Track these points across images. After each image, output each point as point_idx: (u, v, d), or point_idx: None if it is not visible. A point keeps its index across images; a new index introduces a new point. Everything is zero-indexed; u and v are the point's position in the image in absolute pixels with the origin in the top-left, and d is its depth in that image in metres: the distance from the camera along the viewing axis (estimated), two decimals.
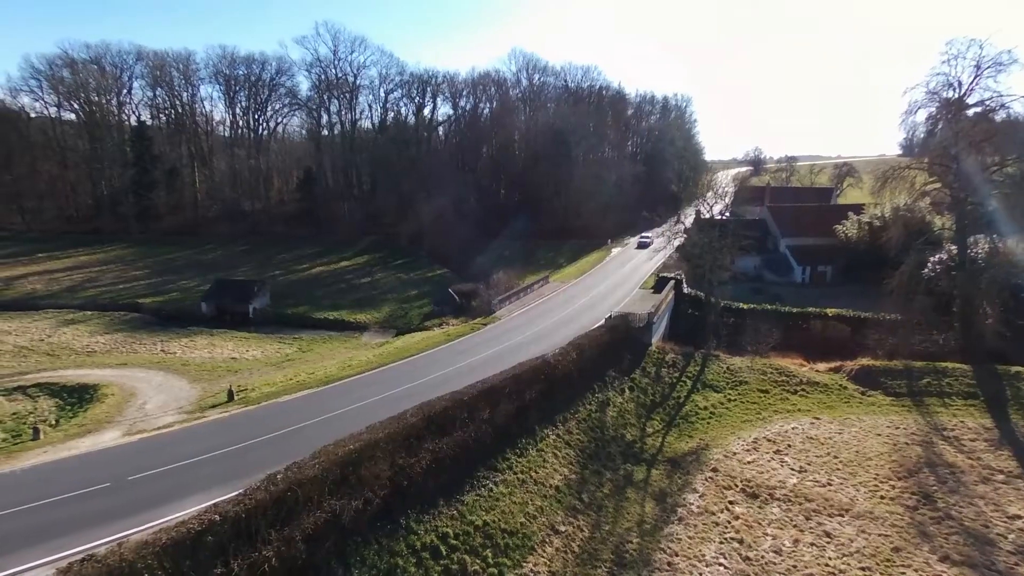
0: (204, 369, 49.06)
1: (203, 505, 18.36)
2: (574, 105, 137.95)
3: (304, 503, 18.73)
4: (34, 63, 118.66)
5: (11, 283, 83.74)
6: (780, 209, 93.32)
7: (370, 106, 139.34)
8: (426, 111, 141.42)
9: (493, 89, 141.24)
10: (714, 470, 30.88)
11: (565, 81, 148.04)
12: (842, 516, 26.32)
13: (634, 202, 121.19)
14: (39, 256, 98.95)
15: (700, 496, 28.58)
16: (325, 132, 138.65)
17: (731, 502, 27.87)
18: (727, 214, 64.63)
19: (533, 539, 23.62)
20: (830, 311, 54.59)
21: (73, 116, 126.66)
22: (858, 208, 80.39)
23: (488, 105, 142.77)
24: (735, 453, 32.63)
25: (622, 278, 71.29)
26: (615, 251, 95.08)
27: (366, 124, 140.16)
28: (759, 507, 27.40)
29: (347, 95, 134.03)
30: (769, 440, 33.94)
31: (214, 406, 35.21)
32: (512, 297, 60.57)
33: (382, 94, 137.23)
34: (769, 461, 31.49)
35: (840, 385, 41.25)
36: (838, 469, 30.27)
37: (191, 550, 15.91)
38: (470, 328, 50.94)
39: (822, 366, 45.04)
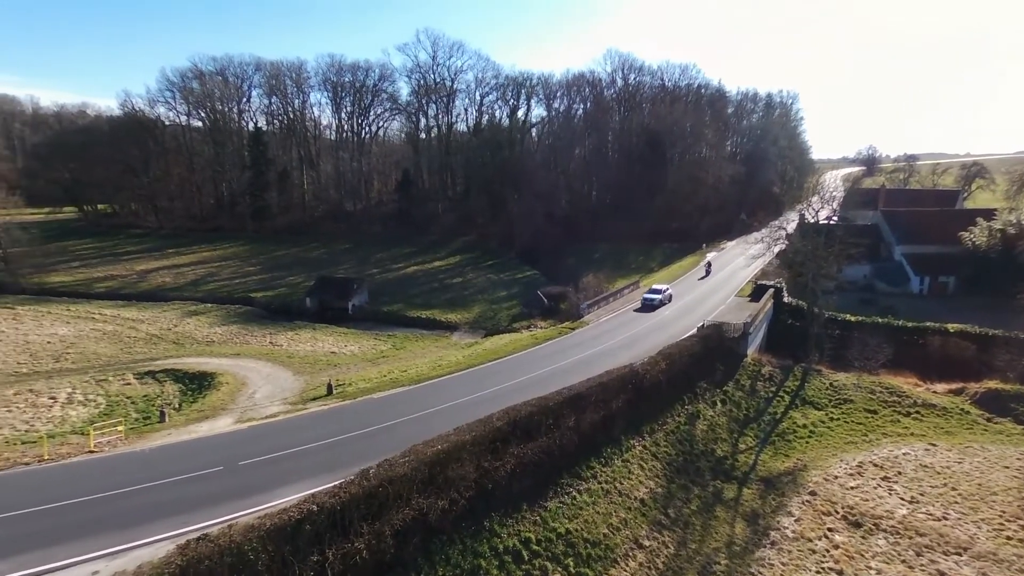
0: (307, 362, 52.22)
1: (303, 494, 19.56)
2: (671, 105, 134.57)
3: (394, 499, 19.49)
4: (169, 76, 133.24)
5: (145, 276, 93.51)
6: (896, 214, 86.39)
7: (466, 109, 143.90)
8: (520, 113, 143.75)
9: (587, 90, 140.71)
10: (812, 493, 29.16)
11: (662, 80, 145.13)
12: (959, 555, 24.06)
13: (732, 205, 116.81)
14: (169, 252, 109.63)
15: (796, 520, 27.08)
16: (422, 135, 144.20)
17: (830, 529, 26.22)
18: (834, 218, 60.68)
19: (616, 551, 23.32)
20: (952, 326, 49.93)
21: (200, 123, 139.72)
22: (989, 213, 73.07)
23: (582, 106, 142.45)
24: (837, 476, 30.65)
25: (716, 284, 68.72)
26: (710, 256, 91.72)
27: (461, 127, 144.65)
28: (862, 537, 25.57)
29: (444, 99, 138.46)
30: (876, 465, 31.60)
31: (315, 398, 37.40)
32: (601, 301, 59.94)
33: (478, 97, 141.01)
34: (875, 488, 29.32)
35: (961, 409, 37.69)
36: (956, 503, 27.68)
37: (291, 537, 17.00)
38: (557, 332, 50.96)
39: (940, 387, 41.36)
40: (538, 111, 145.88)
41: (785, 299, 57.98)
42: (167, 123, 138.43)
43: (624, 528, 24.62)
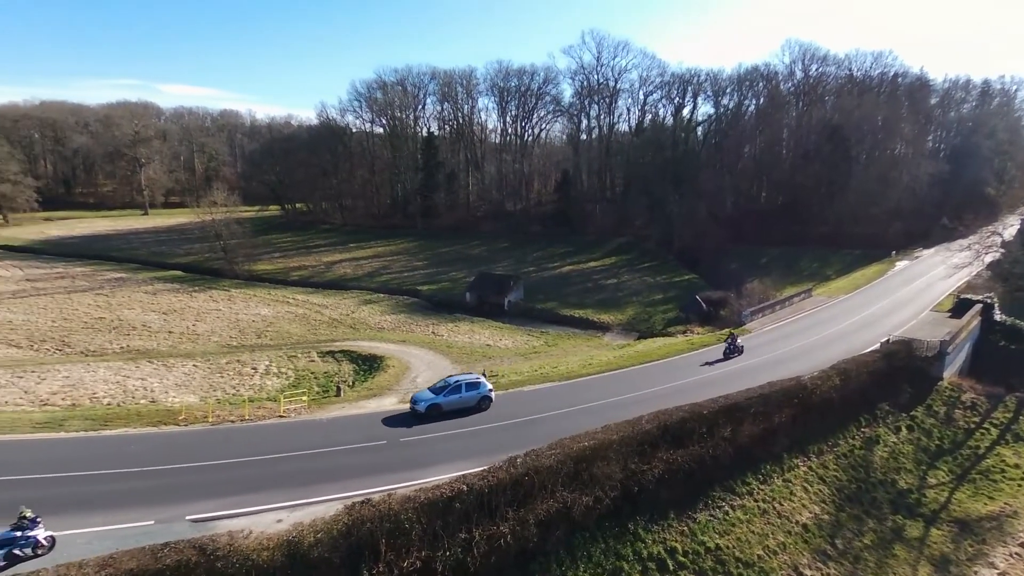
0: (464, 352, 54.92)
1: (454, 474, 20.56)
2: (859, 96, 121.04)
3: (539, 489, 19.84)
4: (357, 88, 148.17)
5: (331, 267, 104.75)
6: None
7: (628, 109, 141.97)
8: (685, 111, 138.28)
9: (761, 84, 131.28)
10: (1023, 545, 24.68)
11: (849, 70, 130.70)
12: None
13: (931, 207, 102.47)
14: (351, 246, 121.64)
15: (1000, 574, 23.12)
16: (583, 136, 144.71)
17: None
18: None
19: None
20: None
21: (381, 129, 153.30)
22: None
23: (754, 102, 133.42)
24: None
25: (908, 296, 60.69)
26: (900, 264, 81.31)
27: (623, 127, 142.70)
28: None
29: (607, 100, 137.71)
30: None
31: None
32: (766, 309, 55.92)
33: (641, 96, 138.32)
34: None
35: None
36: None
37: (442, 512, 18.02)
38: (715, 339, 48.36)
39: None
40: (705, 109, 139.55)
41: (996, 317, 49.72)
42: (354, 130, 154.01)
43: (782, 552, 22.75)
